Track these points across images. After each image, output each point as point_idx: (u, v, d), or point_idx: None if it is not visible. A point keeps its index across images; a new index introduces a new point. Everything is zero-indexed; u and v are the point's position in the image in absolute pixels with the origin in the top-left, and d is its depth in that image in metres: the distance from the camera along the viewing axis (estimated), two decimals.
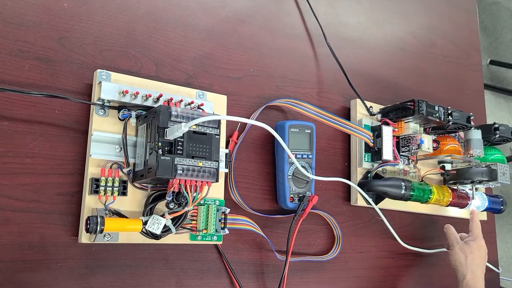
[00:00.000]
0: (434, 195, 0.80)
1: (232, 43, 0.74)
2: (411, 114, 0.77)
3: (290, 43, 0.81)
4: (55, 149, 0.56)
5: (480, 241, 0.81)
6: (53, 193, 0.55)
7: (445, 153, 0.83)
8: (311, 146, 0.73)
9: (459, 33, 1.13)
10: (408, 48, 1.00)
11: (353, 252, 0.80)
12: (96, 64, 0.60)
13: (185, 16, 0.70)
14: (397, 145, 0.81)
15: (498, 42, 2.51)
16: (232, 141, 0.69)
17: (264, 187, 0.72)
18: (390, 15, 0.99)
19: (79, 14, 0.60)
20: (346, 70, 0.82)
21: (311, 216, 0.75)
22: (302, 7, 0.84)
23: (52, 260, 0.54)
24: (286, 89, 0.78)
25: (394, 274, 0.86)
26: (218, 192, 0.64)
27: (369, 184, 0.78)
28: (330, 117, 0.75)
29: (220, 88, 0.71)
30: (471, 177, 0.83)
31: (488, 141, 0.91)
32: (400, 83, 0.96)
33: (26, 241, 0.53)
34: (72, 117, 0.57)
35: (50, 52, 0.57)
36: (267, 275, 0.70)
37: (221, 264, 0.66)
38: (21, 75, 0.55)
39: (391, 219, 0.84)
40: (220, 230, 0.62)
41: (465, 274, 0.77)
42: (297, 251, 0.73)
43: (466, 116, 0.83)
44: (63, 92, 0.57)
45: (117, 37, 0.63)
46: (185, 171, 0.53)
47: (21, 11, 0.56)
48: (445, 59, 1.07)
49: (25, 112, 0.54)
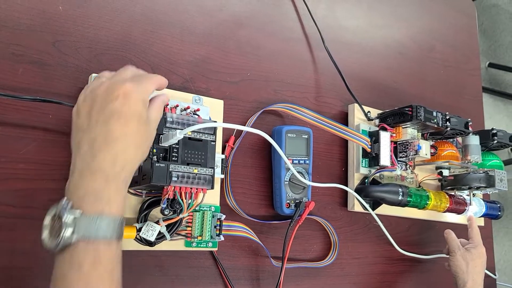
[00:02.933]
0: (431, 201, 0.79)
1: (229, 46, 0.73)
2: (409, 119, 0.77)
3: (288, 47, 0.80)
4: (48, 154, 0.55)
5: (481, 249, 0.81)
6: (46, 199, 0.54)
7: (442, 159, 0.83)
8: (308, 152, 0.72)
9: (459, 37, 1.13)
10: (407, 52, 1.00)
11: (349, 258, 0.80)
12: (91, 68, 0.60)
13: (182, 19, 0.69)
14: (394, 151, 0.80)
15: (497, 45, 2.51)
16: (229, 146, 0.68)
17: (260, 193, 0.72)
18: (389, 19, 0.99)
19: (74, 17, 0.60)
20: (344, 75, 0.82)
21: (308, 221, 0.75)
22: (300, 11, 0.83)
23: (45, 268, 0.53)
24: (283, 93, 0.77)
25: (391, 280, 0.85)
26: (214, 198, 0.63)
27: (366, 190, 0.77)
28: (328, 122, 0.74)
29: (217, 92, 0.70)
30: (469, 183, 0.83)
31: (486, 146, 0.91)
32: (398, 88, 0.95)
33: (19, 247, 0.52)
34: (66, 122, 0.56)
35: (44, 55, 0.57)
36: (263, 281, 0.70)
37: (216, 270, 0.66)
38: (15, 79, 0.54)
39: (388, 224, 0.84)
40: (215, 236, 0.61)
41: (466, 281, 0.77)
42: (293, 257, 0.73)
43: (464, 122, 0.82)
44: (57, 97, 0.56)
45: (113, 41, 0.62)
46: (180, 178, 0.52)
47: (15, 14, 0.56)
48: (444, 64, 1.07)
49: (18, 116, 0.54)
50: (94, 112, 0.42)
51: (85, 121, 0.42)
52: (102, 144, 0.40)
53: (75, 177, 0.41)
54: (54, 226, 0.38)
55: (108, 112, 0.41)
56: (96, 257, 0.38)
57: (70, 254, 0.38)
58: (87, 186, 0.40)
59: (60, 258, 0.38)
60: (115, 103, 0.41)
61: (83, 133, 0.42)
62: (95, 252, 0.38)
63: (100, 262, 0.38)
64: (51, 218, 0.39)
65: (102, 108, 0.41)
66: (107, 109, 0.41)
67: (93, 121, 0.42)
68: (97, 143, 0.41)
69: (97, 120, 0.41)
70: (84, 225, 0.38)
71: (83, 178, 0.40)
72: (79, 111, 0.44)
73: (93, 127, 0.41)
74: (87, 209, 0.39)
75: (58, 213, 0.39)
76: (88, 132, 0.41)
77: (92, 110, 0.42)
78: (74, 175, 0.41)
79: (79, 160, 0.41)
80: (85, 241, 0.38)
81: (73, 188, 0.40)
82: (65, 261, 0.38)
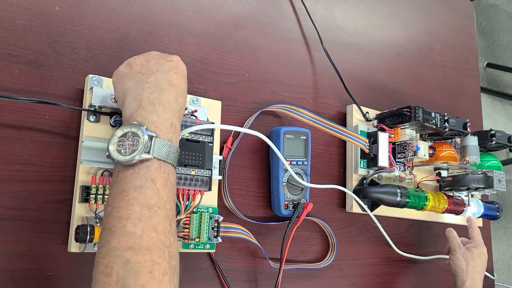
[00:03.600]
0: (429, 202, 0.79)
1: (227, 47, 0.73)
2: (407, 120, 0.77)
3: (286, 48, 0.80)
4: (45, 155, 0.54)
5: (482, 249, 0.81)
6: (43, 201, 0.54)
7: (441, 160, 0.83)
8: (306, 153, 0.72)
9: (457, 37, 1.13)
10: (405, 53, 1.00)
11: (348, 259, 0.80)
12: (88, 69, 0.59)
13: (180, 20, 0.69)
14: (393, 152, 0.80)
15: (495, 45, 2.51)
16: (227, 147, 0.68)
17: (258, 194, 0.71)
18: (388, 20, 0.99)
19: (71, 18, 0.59)
20: (342, 75, 0.82)
21: (306, 222, 0.74)
22: (298, 11, 0.83)
23: (42, 269, 0.53)
24: (281, 94, 0.77)
25: (390, 281, 0.85)
26: (212, 200, 0.63)
27: (365, 191, 0.77)
28: (326, 123, 0.74)
29: (214, 93, 0.70)
30: (467, 184, 0.83)
31: (485, 147, 0.91)
32: (397, 88, 0.95)
33: (15, 249, 0.52)
34: (63, 123, 0.56)
35: (40, 56, 0.56)
36: (261, 283, 0.69)
37: (214, 272, 0.65)
38: (11, 80, 0.54)
39: (386, 225, 0.84)
40: (213, 238, 0.61)
41: (465, 280, 0.77)
42: (291, 258, 0.73)
43: (463, 123, 0.82)
44: (54, 98, 0.56)
45: (110, 41, 0.62)
46: (177, 180, 0.52)
47: (11, 14, 0.55)
48: (442, 64, 1.07)
49: (15, 118, 0.53)
50: (152, 64, 0.47)
51: (141, 68, 0.47)
52: (167, 86, 0.45)
53: (144, 106, 0.43)
54: (125, 143, 0.41)
55: (167, 66, 0.47)
56: (166, 178, 0.42)
57: (146, 169, 0.41)
58: (160, 114, 0.43)
59: (134, 171, 0.41)
60: (171, 63, 0.47)
61: (143, 75, 0.46)
62: (166, 174, 0.42)
63: (169, 183, 0.42)
64: (121, 135, 0.42)
65: (160, 63, 0.47)
66: (166, 65, 0.47)
67: (153, 69, 0.46)
68: (161, 84, 0.45)
69: (157, 69, 0.46)
70: (158, 146, 0.41)
71: (155, 107, 0.43)
72: (131, 63, 0.48)
73: (153, 73, 0.46)
74: (160, 134, 0.43)
75: (133, 132, 0.42)
76: (148, 76, 0.45)
77: (149, 62, 0.47)
78: (142, 104, 0.44)
79: (146, 93, 0.44)
80: (159, 161, 0.42)
81: (145, 113, 0.43)
82: (140, 175, 0.41)
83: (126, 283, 0.36)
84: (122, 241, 0.38)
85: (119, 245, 0.37)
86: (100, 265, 0.38)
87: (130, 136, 0.42)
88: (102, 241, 0.39)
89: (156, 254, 0.38)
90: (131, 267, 0.36)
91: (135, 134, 0.41)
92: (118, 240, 0.38)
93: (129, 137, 0.42)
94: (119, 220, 0.38)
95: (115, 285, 0.36)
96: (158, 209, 0.40)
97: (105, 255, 0.38)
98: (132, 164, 0.41)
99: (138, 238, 0.38)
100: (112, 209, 0.39)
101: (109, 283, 0.36)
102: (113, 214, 0.39)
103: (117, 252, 0.37)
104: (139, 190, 0.40)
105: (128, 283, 0.36)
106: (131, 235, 0.38)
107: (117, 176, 0.42)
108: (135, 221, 0.38)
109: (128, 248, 0.37)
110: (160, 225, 0.39)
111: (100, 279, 0.37)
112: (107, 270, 0.37)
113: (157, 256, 0.38)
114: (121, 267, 0.36)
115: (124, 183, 0.41)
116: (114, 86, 0.49)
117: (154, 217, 0.39)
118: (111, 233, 0.38)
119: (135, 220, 0.38)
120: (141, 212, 0.39)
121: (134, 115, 0.43)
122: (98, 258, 0.38)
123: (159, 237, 0.39)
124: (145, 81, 0.45)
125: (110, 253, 0.37)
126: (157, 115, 0.43)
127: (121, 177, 0.41)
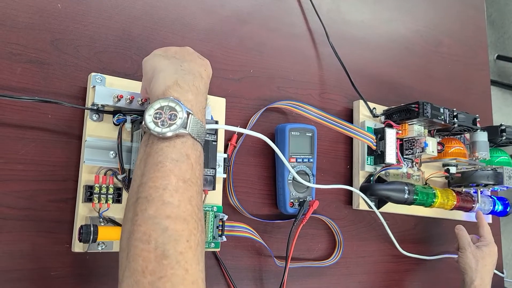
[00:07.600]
0: (438, 199, 0.78)
1: (231, 43, 0.72)
2: (415, 116, 0.75)
3: (292, 43, 0.79)
4: (47, 155, 0.54)
5: (493, 247, 0.79)
6: (46, 200, 0.53)
7: (449, 156, 0.81)
8: (312, 150, 0.71)
9: (466, 31, 1.10)
10: (413, 47, 0.98)
11: (354, 257, 0.79)
12: (91, 66, 0.59)
13: (184, 16, 0.68)
14: (400, 148, 0.79)
15: (506, 37, 2.47)
16: (231, 145, 0.67)
17: (263, 192, 0.71)
18: (395, 13, 0.97)
19: (73, 15, 0.59)
20: (349, 70, 0.80)
21: (312, 220, 0.74)
22: (304, 5, 0.82)
23: (45, 269, 0.53)
24: (287, 90, 0.76)
25: (397, 278, 0.84)
26: (216, 198, 0.63)
27: (372, 188, 0.76)
28: (332, 119, 0.73)
29: (219, 89, 0.69)
30: (476, 181, 0.82)
31: (494, 143, 0.89)
32: (404, 83, 0.94)
33: (18, 249, 0.52)
34: (65, 122, 0.55)
35: (43, 54, 0.56)
36: (266, 281, 0.69)
37: (219, 270, 0.65)
38: (13, 78, 0.53)
39: (394, 222, 0.83)
40: (217, 237, 0.60)
41: (474, 279, 0.76)
42: (297, 256, 0.72)
43: (472, 118, 0.81)
44: (56, 96, 0.55)
45: (113, 39, 0.61)
46: None
47: (13, 12, 0.55)
48: (451, 58, 1.05)
49: (17, 117, 0.53)
50: (186, 54, 0.49)
51: (176, 54, 0.49)
52: (198, 75, 0.47)
53: (180, 84, 0.44)
54: (162, 116, 0.42)
55: (199, 62, 0.49)
56: (198, 156, 0.43)
57: (182, 144, 0.42)
58: (194, 95, 0.45)
59: (170, 144, 0.42)
60: (203, 61, 0.49)
61: (177, 60, 0.47)
62: (198, 152, 0.43)
63: (201, 161, 0.44)
64: (158, 108, 0.43)
65: (194, 57, 0.49)
66: (198, 60, 0.49)
67: (187, 58, 0.48)
68: (193, 71, 0.47)
69: (191, 60, 0.48)
70: (194, 124, 0.43)
71: (190, 87, 0.45)
72: (166, 48, 0.50)
73: (187, 61, 0.47)
74: (195, 113, 0.44)
75: (170, 106, 0.42)
76: (182, 61, 0.47)
77: (183, 52, 0.49)
78: (178, 82, 0.44)
79: (181, 74, 0.45)
80: (193, 138, 0.43)
81: (182, 91, 0.44)
82: (176, 148, 0.42)
83: (165, 249, 0.37)
84: (160, 210, 0.38)
85: (157, 213, 0.38)
86: (137, 232, 0.38)
87: (167, 110, 0.42)
88: (138, 209, 0.39)
89: (192, 225, 0.39)
90: (170, 235, 0.38)
91: (173, 108, 0.42)
92: (156, 209, 0.38)
93: (167, 111, 0.42)
94: (156, 189, 0.39)
95: (154, 251, 0.37)
96: (192, 183, 0.41)
97: (141, 223, 0.38)
98: (167, 137, 0.42)
99: (175, 208, 0.39)
100: (148, 179, 0.40)
101: (148, 249, 0.37)
102: (149, 184, 0.40)
103: (155, 220, 0.38)
104: (175, 163, 0.41)
105: (167, 249, 0.37)
106: (168, 204, 0.39)
107: (151, 147, 0.42)
108: (172, 192, 0.39)
109: (166, 217, 0.38)
110: (194, 199, 0.41)
111: (137, 245, 0.38)
112: (145, 237, 0.37)
113: (193, 227, 0.39)
114: (160, 234, 0.37)
115: (160, 155, 0.41)
116: (144, 64, 0.49)
117: (189, 190, 0.40)
118: (147, 201, 0.39)
119: (172, 191, 0.39)
120: (177, 184, 0.40)
121: (170, 90, 0.44)
122: (134, 226, 0.39)
123: (193, 209, 0.40)
124: (180, 64, 0.46)
125: (148, 221, 0.38)
126: (193, 95, 0.45)
127: (155, 149, 0.42)
